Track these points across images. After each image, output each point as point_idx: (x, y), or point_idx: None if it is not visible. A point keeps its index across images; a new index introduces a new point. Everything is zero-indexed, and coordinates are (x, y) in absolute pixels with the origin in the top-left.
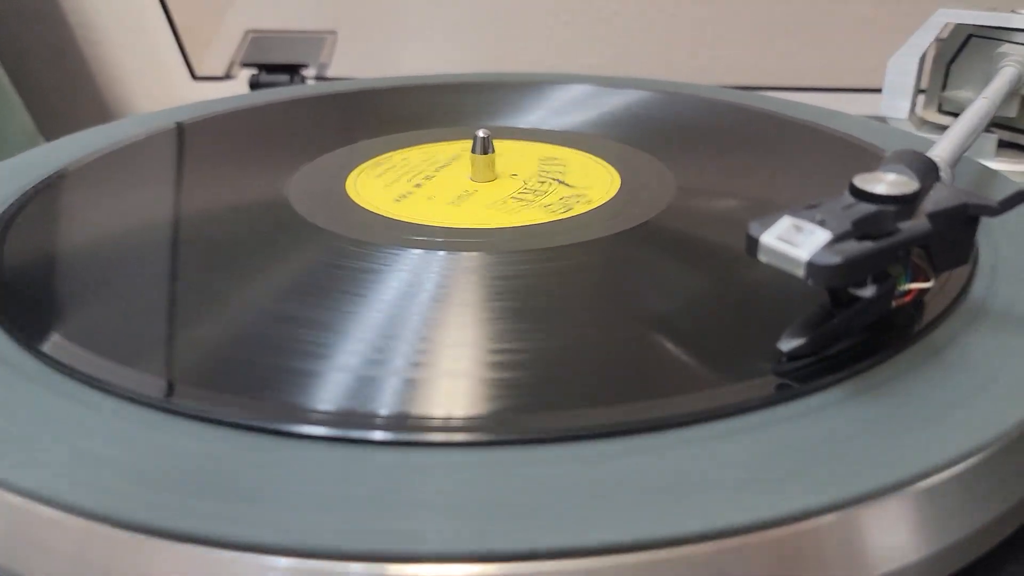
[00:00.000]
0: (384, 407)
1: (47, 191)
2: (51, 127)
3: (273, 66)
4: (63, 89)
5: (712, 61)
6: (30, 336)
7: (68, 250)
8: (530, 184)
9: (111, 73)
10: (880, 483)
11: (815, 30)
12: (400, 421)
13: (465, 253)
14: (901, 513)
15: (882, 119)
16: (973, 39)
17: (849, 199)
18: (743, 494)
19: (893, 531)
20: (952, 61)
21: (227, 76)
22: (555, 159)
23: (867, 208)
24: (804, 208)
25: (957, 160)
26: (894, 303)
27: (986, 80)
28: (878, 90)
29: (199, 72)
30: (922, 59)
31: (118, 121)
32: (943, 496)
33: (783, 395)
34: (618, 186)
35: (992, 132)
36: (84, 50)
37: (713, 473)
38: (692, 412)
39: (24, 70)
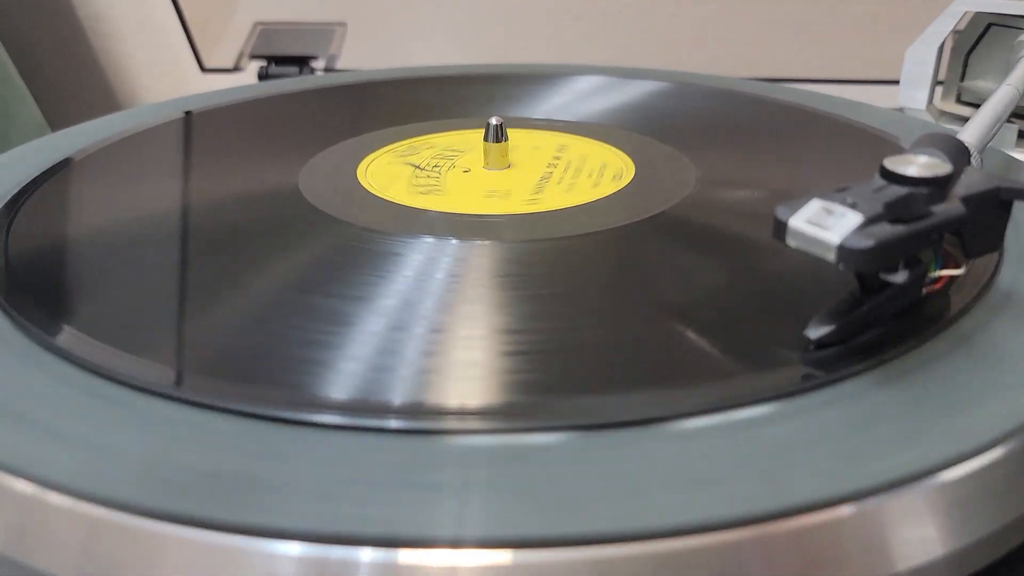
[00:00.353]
0: (397, 396)
1: (54, 179)
2: (60, 119)
3: (282, 58)
4: (72, 81)
5: (723, 54)
6: (38, 325)
7: (75, 238)
8: (544, 173)
9: (120, 65)
10: (903, 473)
11: (829, 21)
12: (414, 409)
13: (478, 241)
14: (925, 505)
15: (900, 110)
16: (993, 28)
17: (880, 182)
18: (764, 483)
19: (917, 523)
20: (971, 51)
21: (236, 68)
22: (570, 148)
23: (899, 191)
24: (834, 191)
25: (984, 146)
26: (924, 290)
27: (1006, 70)
28: (895, 81)
29: (208, 64)
30: (940, 49)
31: (126, 111)
32: (970, 488)
33: (807, 384)
34: (634, 175)
35: (1012, 123)
36: (93, 42)
37: (733, 462)
38: (713, 401)
39: (33, 62)
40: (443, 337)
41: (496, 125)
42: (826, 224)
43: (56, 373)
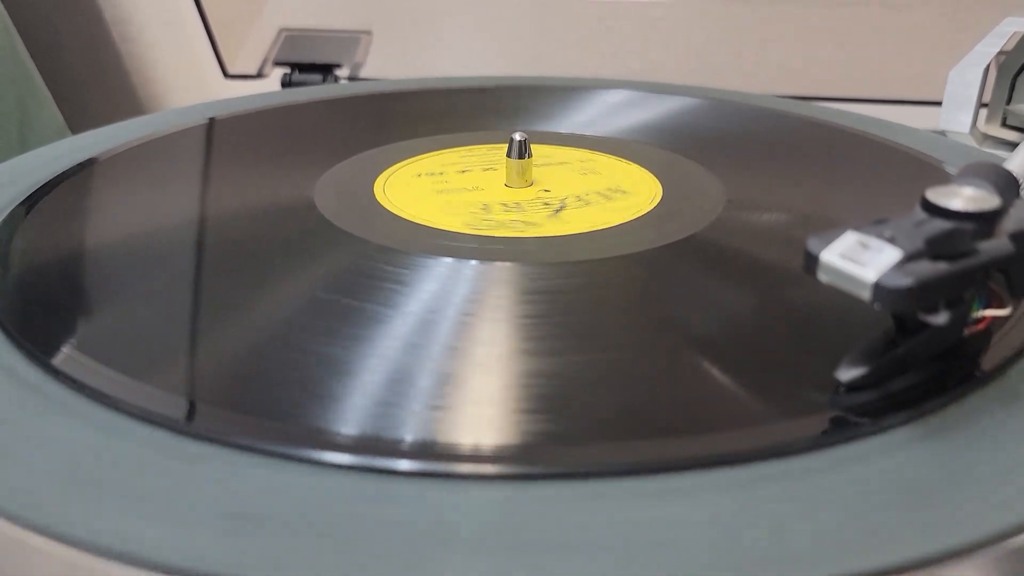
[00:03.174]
0: (408, 434)
1: (65, 185)
2: (84, 123)
3: (306, 65)
4: (97, 85)
5: (759, 69)
6: (36, 344)
7: (82, 252)
8: (568, 191)
9: (144, 70)
10: (957, 542)
11: (869, 38)
12: (424, 451)
13: (497, 263)
14: None
15: (941, 133)
16: None
17: (921, 215)
18: (800, 548)
19: None
20: (1019, 73)
21: (259, 74)
22: (597, 166)
23: (942, 225)
24: (871, 224)
25: None
26: (966, 331)
27: None
28: (936, 103)
29: (231, 70)
30: (986, 70)
31: (139, 118)
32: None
33: (844, 436)
34: (662, 196)
35: None
36: (119, 47)
37: (765, 522)
38: (743, 451)
39: (59, 65)
40: (459, 371)
41: (520, 141)
42: (861, 259)
43: (54, 398)
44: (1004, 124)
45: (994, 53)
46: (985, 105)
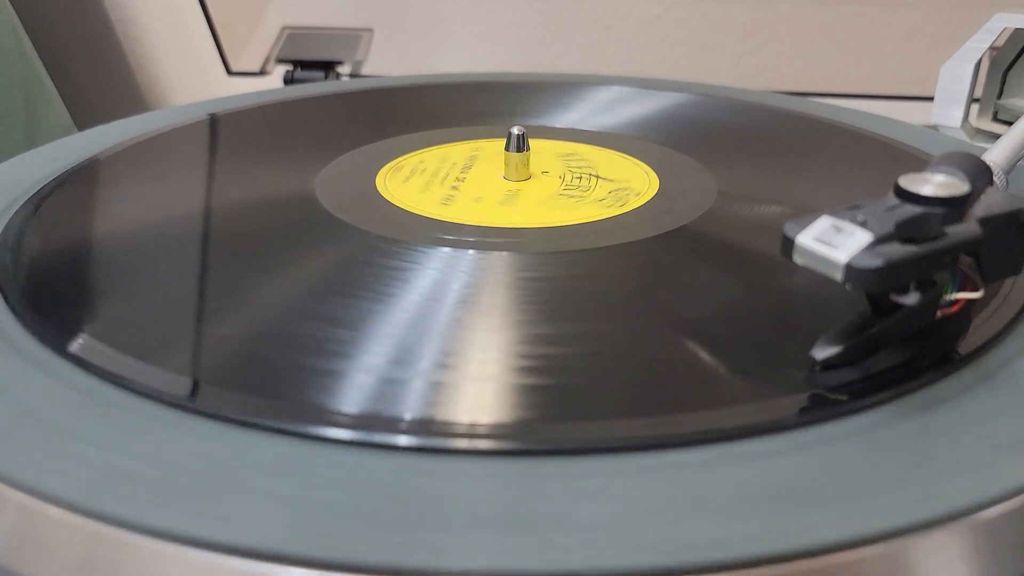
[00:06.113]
0: (408, 411)
1: (73, 181)
2: (89, 121)
3: (308, 62)
4: (101, 83)
5: (756, 67)
6: (48, 328)
7: (91, 242)
8: (565, 184)
9: (148, 68)
10: (931, 514)
11: (863, 35)
12: (423, 426)
13: (496, 253)
14: (953, 548)
15: (933, 127)
16: None
17: (893, 200)
18: (780, 519)
19: (943, 568)
20: (1009, 68)
21: (262, 72)
22: (594, 159)
23: (912, 210)
24: (845, 208)
25: (1012, 167)
26: (939, 313)
27: None
28: (929, 98)
29: (234, 68)
30: (977, 65)
31: (146, 113)
32: (998, 532)
33: (821, 414)
34: (656, 188)
35: None
36: (123, 46)
37: (747, 495)
38: (728, 428)
39: (64, 64)
40: (458, 351)
41: (518, 135)
42: (834, 242)
43: (64, 378)
44: (995, 118)
45: (985, 48)
46: (977, 100)
